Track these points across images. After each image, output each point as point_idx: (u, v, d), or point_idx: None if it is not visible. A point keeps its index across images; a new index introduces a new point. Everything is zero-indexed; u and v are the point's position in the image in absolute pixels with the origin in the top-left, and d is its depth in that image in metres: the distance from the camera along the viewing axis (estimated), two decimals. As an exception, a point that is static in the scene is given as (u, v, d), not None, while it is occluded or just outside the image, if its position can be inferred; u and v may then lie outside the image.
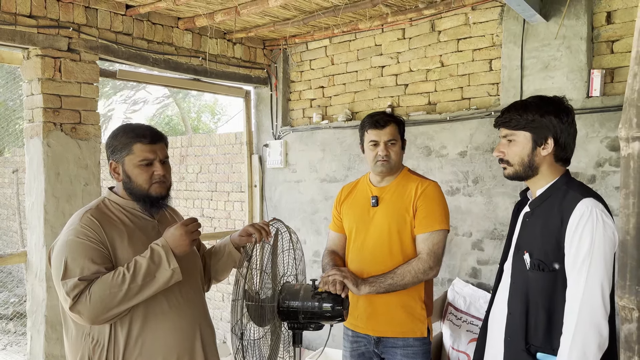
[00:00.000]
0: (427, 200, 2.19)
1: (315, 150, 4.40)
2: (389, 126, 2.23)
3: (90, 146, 3.33)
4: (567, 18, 3.06)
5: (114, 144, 1.80)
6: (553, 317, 1.58)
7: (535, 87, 3.19)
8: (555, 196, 1.65)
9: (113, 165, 1.81)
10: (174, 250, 1.69)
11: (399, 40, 3.92)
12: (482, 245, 3.49)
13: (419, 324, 2.21)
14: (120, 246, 1.73)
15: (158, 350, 1.74)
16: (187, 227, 1.72)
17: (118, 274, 1.64)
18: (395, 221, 2.21)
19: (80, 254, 1.65)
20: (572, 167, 3.06)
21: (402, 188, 2.26)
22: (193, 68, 4.02)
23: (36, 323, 3.21)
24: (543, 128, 1.65)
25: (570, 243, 1.55)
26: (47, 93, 3.13)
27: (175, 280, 1.70)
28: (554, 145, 1.65)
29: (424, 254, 2.15)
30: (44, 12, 3.11)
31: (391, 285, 2.11)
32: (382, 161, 2.22)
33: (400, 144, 2.27)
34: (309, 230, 4.45)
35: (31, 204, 3.24)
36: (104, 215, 1.77)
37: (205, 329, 1.90)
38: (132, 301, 1.65)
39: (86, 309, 1.61)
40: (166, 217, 1.97)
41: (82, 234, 1.69)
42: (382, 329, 2.23)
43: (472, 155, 3.54)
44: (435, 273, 2.17)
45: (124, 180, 1.79)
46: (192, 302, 1.87)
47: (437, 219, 2.18)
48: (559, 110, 1.66)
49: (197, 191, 6.17)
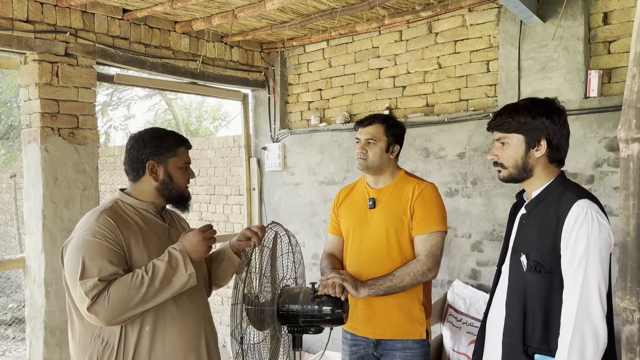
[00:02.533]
0: (425, 202, 2.19)
1: (313, 153, 4.40)
2: (370, 125, 2.26)
3: (88, 151, 3.32)
4: (564, 19, 3.07)
5: (157, 144, 1.82)
6: (550, 319, 1.59)
7: (533, 88, 3.20)
8: (551, 198, 1.65)
9: (151, 165, 1.81)
10: (190, 256, 1.71)
11: (396, 42, 3.92)
12: (481, 247, 3.49)
13: (417, 326, 2.21)
14: (135, 248, 1.75)
15: (166, 353, 1.76)
16: (205, 233, 1.75)
17: (137, 276, 1.65)
18: (392, 223, 2.20)
19: (98, 254, 1.66)
20: (570, 167, 3.10)
21: (399, 190, 2.25)
22: (190, 71, 4.02)
23: (35, 329, 3.19)
24: (535, 130, 1.66)
25: (566, 244, 1.55)
26: (45, 98, 3.12)
27: (190, 285, 1.73)
28: (547, 147, 1.66)
29: (422, 256, 2.15)
30: (40, 17, 3.11)
31: (390, 287, 2.10)
32: (358, 159, 2.26)
33: (381, 145, 2.24)
34: (308, 233, 4.45)
35: (29, 209, 3.23)
36: (119, 216, 1.77)
37: (209, 333, 1.92)
38: (149, 304, 1.67)
39: (104, 310, 1.62)
40: (175, 222, 1.99)
41: (99, 234, 1.69)
42: (381, 331, 2.22)
43: (470, 156, 3.54)
44: (434, 275, 2.17)
45: (164, 180, 1.83)
46: (199, 307, 1.90)
47: (434, 221, 2.17)
48: (551, 112, 1.66)
49: (196, 194, 6.16)
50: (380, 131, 2.25)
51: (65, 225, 3.17)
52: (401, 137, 2.32)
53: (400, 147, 2.31)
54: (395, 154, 2.29)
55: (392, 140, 2.26)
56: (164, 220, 1.89)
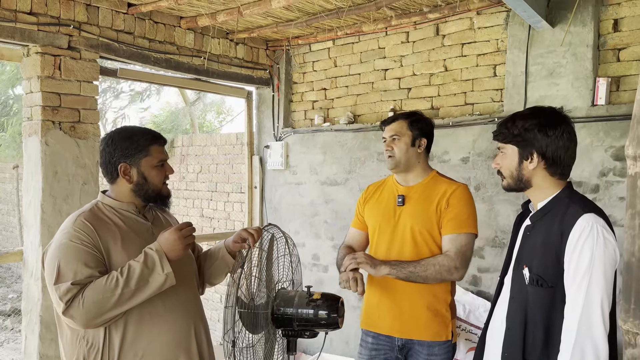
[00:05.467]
0: (456, 202, 2.13)
1: (316, 153, 4.37)
2: (393, 122, 2.24)
3: (89, 145, 3.30)
4: (573, 25, 3.02)
5: (126, 146, 1.77)
6: (551, 334, 1.55)
7: (540, 94, 3.15)
8: (556, 210, 1.61)
9: (123, 167, 1.77)
10: (167, 255, 1.68)
11: (403, 43, 3.88)
12: (482, 253, 3.45)
13: (444, 327, 2.15)
14: (114, 249, 1.72)
15: (154, 352, 1.74)
16: (182, 231, 1.71)
17: (111, 278, 1.63)
18: (421, 221, 2.14)
19: (74, 257, 1.64)
20: (575, 176, 3.05)
21: (430, 189, 2.19)
22: (195, 68, 3.99)
23: (31, 323, 3.18)
24: (527, 142, 1.63)
25: (570, 259, 1.51)
26: (47, 91, 3.09)
27: (168, 284, 1.69)
28: (541, 160, 1.62)
29: (452, 252, 2.07)
30: (44, 9, 3.08)
31: (412, 273, 2.03)
32: (387, 158, 2.23)
33: (406, 140, 2.20)
34: (309, 234, 4.41)
35: (28, 202, 3.21)
36: (97, 219, 1.75)
37: (200, 330, 1.89)
38: (126, 305, 1.65)
39: (79, 314, 1.60)
40: (160, 219, 1.96)
41: (75, 238, 1.67)
42: (408, 330, 2.16)
43: (474, 161, 3.50)
44: (460, 275, 2.09)
45: (138, 181, 1.78)
46: (188, 303, 1.86)
47: (465, 222, 2.12)
48: (545, 124, 1.61)
49: (197, 191, 6.14)
50: (403, 126, 2.21)
51: (64, 219, 3.13)
52: (428, 131, 2.25)
53: (429, 141, 2.25)
54: (422, 148, 2.22)
55: (418, 134, 2.21)
56: (146, 219, 1.86)
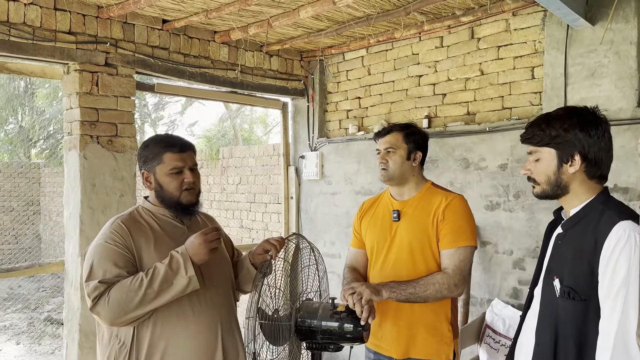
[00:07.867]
0: (453, 214, 2.06)
1: (350, 162, 4.32)
2: (388, 134, 2.18)
3: (126, 158, 3.39)
4: (614, 22, 2.85)
5: (145, 155, 1.88)
6: (584, 351, 1.42)
7: (581, 96, 2.99)
8: (590, 217, 1.49)
9: (145, 174, 1.88)
10: (192, 258, 1.72)
11: (437, 48, 3.79)
12: (523, 264, 3.29)
13: (444, 347, 2.08)
14: (146, 251, 1.79)
15: (179, 355, 1.77)
16: (206, 236, 1.75)
17: (137, 278, 1.69)
18: (418, 236, 2.09)
19: (105, 257, 1.73)
20: (620, 181, 2.86)
21: (425, 202, 2.13)
22: (229, 81, 4.04)
23: (71, 331, 3.27)
24: (568, 143, 1.49)
25: (605, 270, 1.39)
26: (85, 107, 3.22)
27: (192, 288, 1.73)
28: (582, 162, 1.50)
29: (449, 270, 2.02)
30: (82, 28, 3.21)
31: (412, 294, 1.97)
32: (380, 170, 2.17)
33: (401, 153, 2.13)
34: (344, 244, 4.35)
35: (68, 214, 3.32)
36: (134, 222, 1.84)
37: (227, 336, 1.88)
38: (149, 306, 1.70)
39: (104, 311, 1.67)
40: (198, 223, 1.99)
41: (110, 239, 1.77)
42: (404, 349, 2.10)
43: (513, 168, 3.35)
44: (460, 292, 2.03)
45: (156, 188, 1.87)
46: (218, 309, 1.88)
47: (463, 235, 2.04)
48: (586, 123, 1.49)
49: (237, 202, 6.21)
50: (398, 139, 2.15)
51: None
52: (422, 144, 2.19)
53: (423, 154, 2.19)
54: (417, 161, 2.17)
55: (413, 147, 2.15)
56: (182, 224, 1.91)
